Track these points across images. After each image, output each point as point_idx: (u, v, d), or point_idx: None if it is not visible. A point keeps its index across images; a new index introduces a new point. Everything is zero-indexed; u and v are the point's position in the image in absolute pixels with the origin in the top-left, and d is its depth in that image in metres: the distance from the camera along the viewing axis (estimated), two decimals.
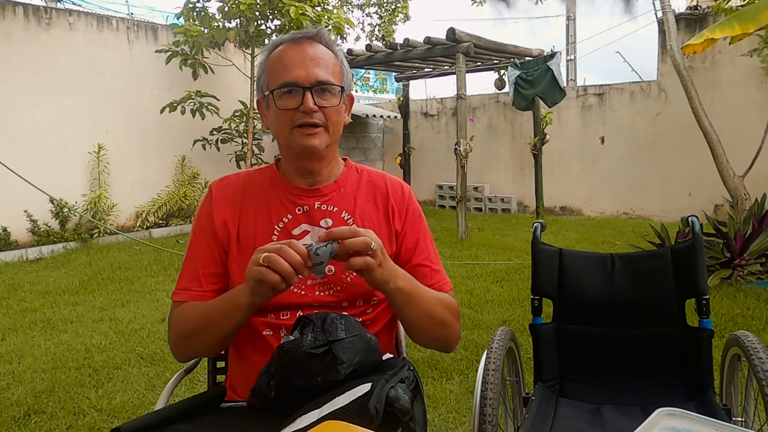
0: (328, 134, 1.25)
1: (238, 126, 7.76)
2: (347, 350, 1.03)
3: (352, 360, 1.03)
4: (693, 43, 4.59)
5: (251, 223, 1.29)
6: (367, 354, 1.07)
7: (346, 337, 1.05)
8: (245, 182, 1.34)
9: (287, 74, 1.20)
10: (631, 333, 1.83)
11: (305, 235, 1.27)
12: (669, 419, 0.83)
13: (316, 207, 1.29)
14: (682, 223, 1.85)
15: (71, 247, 6.64)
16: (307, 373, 1.02)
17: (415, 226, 1.35)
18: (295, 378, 1.04)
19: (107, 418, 2.61)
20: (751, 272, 4.42)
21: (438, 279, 1.33)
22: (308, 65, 1.21)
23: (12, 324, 3.97)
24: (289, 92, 1.20)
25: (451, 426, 2.49)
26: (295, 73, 1.20)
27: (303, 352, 1.02)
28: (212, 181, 1.38)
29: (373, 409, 0.95)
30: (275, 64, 1.24)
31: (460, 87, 6.80)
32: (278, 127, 1.25)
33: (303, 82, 1.20)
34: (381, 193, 1.35)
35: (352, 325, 1.09)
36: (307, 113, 1.20)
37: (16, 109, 6.56)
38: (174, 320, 1.26)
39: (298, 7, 6.57)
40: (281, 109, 1.21)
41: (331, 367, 1.02)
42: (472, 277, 4.97)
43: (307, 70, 1.20)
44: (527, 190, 8.94)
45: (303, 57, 1.21)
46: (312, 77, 1.20)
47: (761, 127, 5.52)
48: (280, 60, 1.23)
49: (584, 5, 21.08)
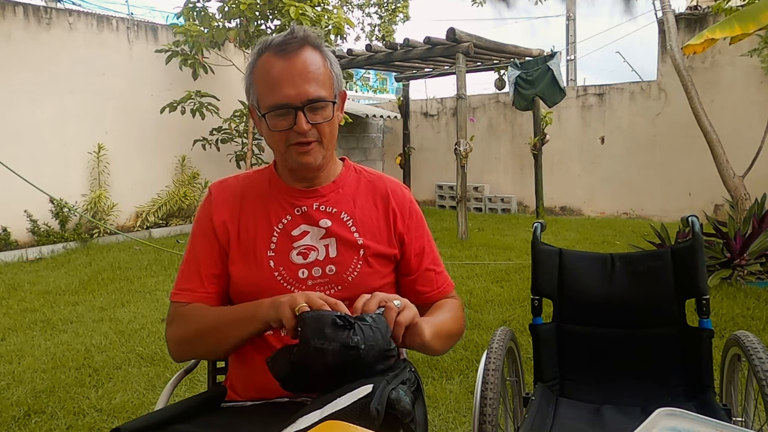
0: (323, 147, 1.24)
1: (238, 126, 7.76)
2: (365, 331, 1.03)
3: (370, 341, 1.02)
4: (693, 43, 4.59)
5: (251, 225, 1.29)
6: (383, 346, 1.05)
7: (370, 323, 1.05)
8: (244, 184, 1.34)
9: (277, 94, 1.17)
10: (631, 333, 1.83)
11: (305, 235, 1.27)
12: (669, 419, 0.83)
13: (315, 207, 1.29)
14: (682, 223, 1.85)
15: (71, 247, 6.64)
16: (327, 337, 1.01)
17: (420, 230, 1.37)
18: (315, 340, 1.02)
19: (107, 418, 2.61)
20: (751, 272, 4.42)
21: (442, 281, 1.38)
22: (297, 82, 1.17)
23: (12, 324, 3.97)
24: (281, 113, 1.19)
25: (451, 426, 2.49)
26: (285, 92, 1.17)
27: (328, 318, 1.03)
28: (211, 184, 1.38)
29: (375, 411, 0.95)
30: (264, 78, 1.20)
31: (460, 87, 6.80)
32: (273, 143, 1.25)
33: (294, 101, 1.17)
34: (381, 195, 1.35)
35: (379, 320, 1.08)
36: (300, 134, 1.19)
37: (16, 109, 6.56)
38: (178, 320, 1.25)
39: (298, 7, 6.57)
40: (275, 131, 1.20)
41: (350, 340, 1.01)
42: (472, 277, 4.97)
43: (297, 88, 1.17)
44: (527, 190, 8.94)
45: (291, 73, 1.17)
46: (303, 95, 1.17)
47: (761, 127, 5.51)
48: (269, 75, 1.19)
49: (584, 5, 21.06)
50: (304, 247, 1.26)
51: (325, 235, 1.27)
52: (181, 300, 1.27)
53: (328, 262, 1.26)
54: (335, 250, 1.27)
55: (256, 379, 1.23)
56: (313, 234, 1.27)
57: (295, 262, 1.26)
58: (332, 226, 1.28)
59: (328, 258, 1.26)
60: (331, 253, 1.27)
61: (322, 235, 1.27)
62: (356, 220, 1.30)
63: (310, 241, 1.27)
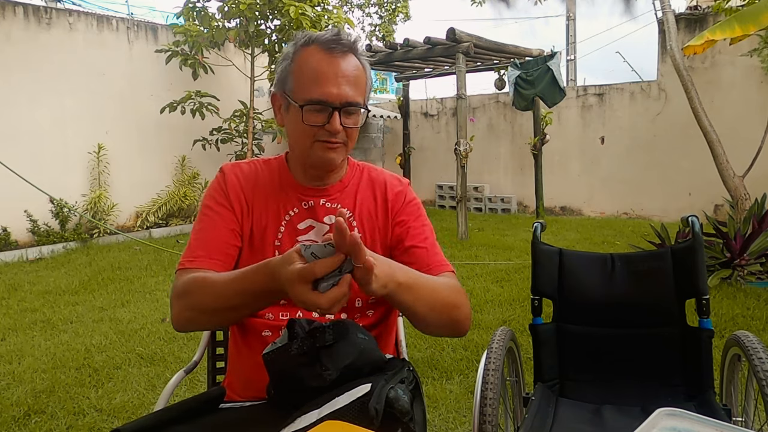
0: (346, 149, 1.26)
1: (238, 126, 7.75)
2: (333, 356, 1.03)
3: (338, 365, 1.02)
4: (693, 44, 4.59)
5: (263, 212, 1.29)
6: (358, 356, 1.05)
7: (333, 342, 1.03)
8: (257, 170, 1.34)
9: (319, 90, 1.17)
10: (631, 333, 1.83)
11: (310, 230, 1.29)
12: (669, 419, 0.83)
13: (321, 204, 1.31)
14: (682, 223, 1.85)
15: (71, 247, 6.64)
16: (296, 379, 1.03)
17: (408, 210, 1.35)
18: (288, 383, 1.05)
19: (107, 418, 2.61)
20: (751, 272, 4.42)
21: (435, 261, 1.29)
22: (340, 82, 1.18)
23: (12, 324, 3.97)
24: (317, 109, 1.19)
25: (451, 426, 2.49)
26: (327, 90, 1.17)
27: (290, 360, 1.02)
28: (224, 164, 1.36)
29: (373, 410, 0.95)
30: (306, 70, 1.19)
31: (460, 87, 6.80)
32: (298, 136, 1.24)
33: (333, 101, 1.17)
34: (380, 187, 1.36)
35: (341, 329, 1.06)
36: (332, 133, 1.20)
37: (16, 109, 6.56)
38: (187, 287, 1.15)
39: (298, 7, 6.57)
40: (307, 125, 1.20)
41: (318, 373, 1.02)
42: (472, 277, 4.97)
43: (339, 89, 1.17)
44: (527, 190, 8.94)
45: (336, 72, 1.18)
46: (343, 97, 1.18)
47: (761, 127, 5.51)
48: (312, 70, 1.18)
49: (584, 5, 21.09)
50: (308, 241, 1.26)
51: (328, 232, 1.28)
52: (190, 267, 1.21)
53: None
54: None
55: (256, 380, 1.23)
56: (318, 229, 1.29)
57: None
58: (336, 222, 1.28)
59: None
60: None
61: (325, 231, 1.29)
62: (356, 215, 1.32)
63: (315, 236, 1.28)
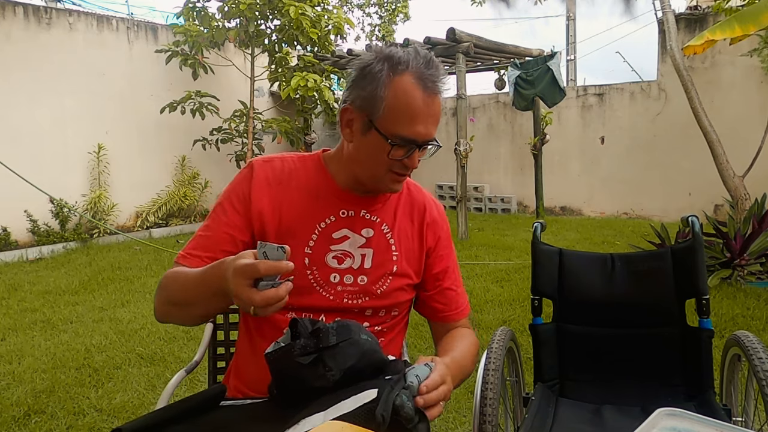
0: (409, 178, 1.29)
1: (238, 126, 7.76)
2: (336, 357, 1.02)
3: (341, 366, 1.02)
4: (693, 44, 4.59)
5: (295, 215, 1.24)
6: (361, 358, 1.05)
7: (336, 342, 1.03)
8: (291, 169, 1.29)
9: (412, 129, 1.16)
10: (631, 333, 1.83)
11: (344, 240, 1.25)
12: (669, 419, 0.83)
13: (361, 215, 1.28)
14: (682, 223, 1.85)
15: (71, 247, 6.64)
16: (300, 379, 1.02)
17: (447, 249, 1.39)
18: (290, 383, 1.05)
19: (107, 418, 2.61)
20: (751, 272, 4.42)
21: (462, 302, 1.39)
22: (429, 123, 1.18)
23: (12, 324, 3.97)
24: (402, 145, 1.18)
25: (451, 426, 2.49)
26: (420, 130, 1.16)
27: (293, 360, 1.02)
28: (254, 159, 1.31)
29: (381, 417, 0.94)
30: (401, 105, 1.15)
31: (460, 87, 6.79)
32: (372, 163, 1.21)
33: (421, 140, 1.18)
34: (418, 210, 1.36)
35: (345, 330, 1.07)
36: (408, 167, 1.21)
37: (16, 109, 6.56)
38: (164, 281, 1.19)
39: (298, 7, 6.57)
40: (390, 158, 1.18)
41: (321, 374, 1.01)
42: (472, 277, 4.97)
43: (428, 128, 1.18)
44: (527, 190, 8.93)
45: (429, 112, 1.17)
46: (428, 137, 1.18)
47: (761, 127, 5.51)
48: (408, 107, 1.15)
49: (584, 5, 21.11)
50: (341, 251, 1.25)
51: (365, 245, 1.26)
52: (182, 263, 1.21)
53: (361, 272, 1.25)
54: (371, 261, 1.26)
55: (257, 378, 1.23)
56: (353, 241, 1.26)
57: (330, 264, 1.24)
58: (373, 236, 1.27)
59: (362, 268, 1.26)
60: (366, 263, 1.26)
61: (361, 244, 1.26)
62: (395, 233, 1.30)
63: (349, 248, 1.25)
